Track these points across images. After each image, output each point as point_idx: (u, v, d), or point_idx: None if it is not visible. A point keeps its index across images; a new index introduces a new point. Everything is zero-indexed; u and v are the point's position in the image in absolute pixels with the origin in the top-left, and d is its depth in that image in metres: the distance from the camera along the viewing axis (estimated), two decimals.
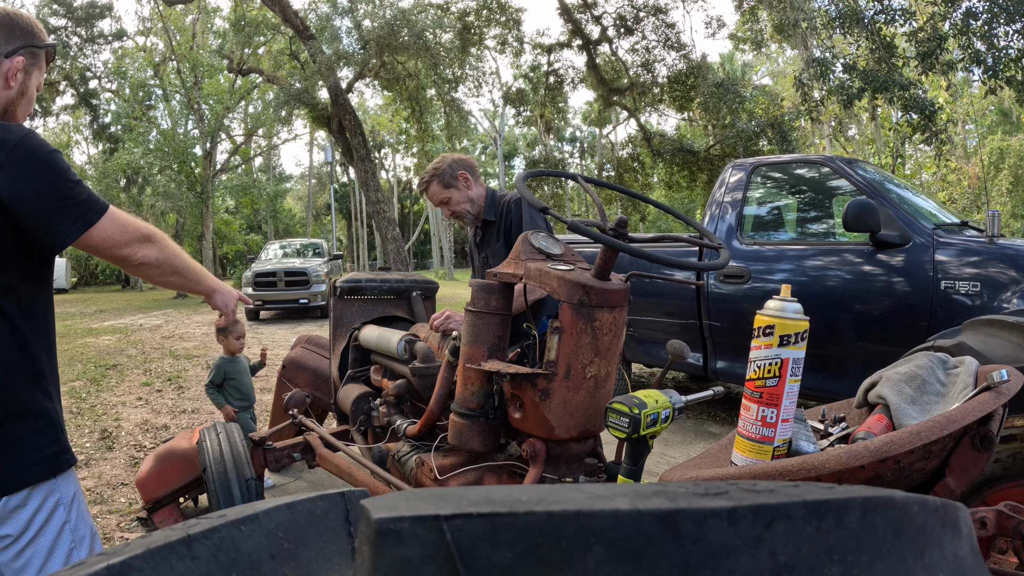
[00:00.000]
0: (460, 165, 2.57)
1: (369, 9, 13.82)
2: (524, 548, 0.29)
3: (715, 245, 1.71)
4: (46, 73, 1.46)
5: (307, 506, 0.49)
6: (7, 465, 1.22)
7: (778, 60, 31.90)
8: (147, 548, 0.40)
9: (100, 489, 3.43)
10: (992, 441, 1.12)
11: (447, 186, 2.55)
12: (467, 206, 2.56)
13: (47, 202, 1.21)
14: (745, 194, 4.20)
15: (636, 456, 1.44)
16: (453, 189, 2.54)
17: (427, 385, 2.16)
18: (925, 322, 3.14)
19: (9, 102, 1.33)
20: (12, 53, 1.31)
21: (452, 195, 2.54)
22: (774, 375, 1.23)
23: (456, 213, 2.57)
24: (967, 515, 0.41)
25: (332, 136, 15.17)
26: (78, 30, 18.12)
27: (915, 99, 9.74)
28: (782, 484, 0.37)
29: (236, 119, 26.34)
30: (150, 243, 1.36)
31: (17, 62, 1.31)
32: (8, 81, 1.31)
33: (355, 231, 40.26)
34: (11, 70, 1.30)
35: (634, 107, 15.60)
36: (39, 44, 1.36)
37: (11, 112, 1.35)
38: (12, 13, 1.32)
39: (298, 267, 12.40)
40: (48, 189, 1.21)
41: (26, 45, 1.32)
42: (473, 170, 2.60)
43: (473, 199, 2.58)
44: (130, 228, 1.32)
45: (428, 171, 2.60)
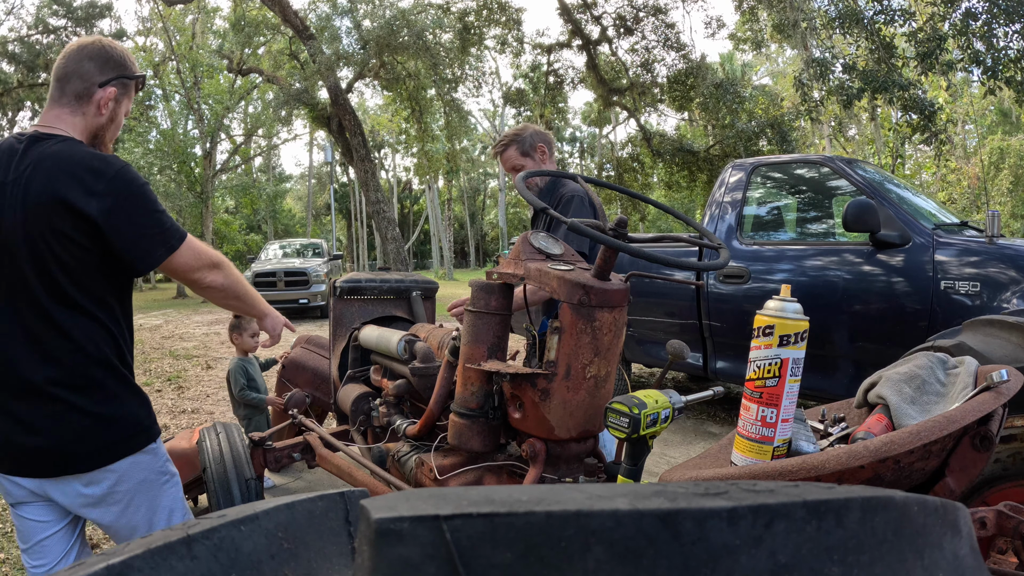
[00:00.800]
0: (540, 137, 2.54)
1: (369, 9, 13.83)
2: (524, 548, 0.29)
3: (715, 245, 1.71)
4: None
5: (307, 506, 0.49)
6: (118, 435, 1.44)
7: (778, 60, 31.90)
8: (147, 548, 0.40)
9: None
10: (992, 441, 1.12)
11: (524, 154, 2.51)
12: (537, 180, 2.53)
13: (138, 230, 1.38)
14: (745, 194, 4.20)
15: (636, 456, 1.44)
16: (529, 159, 2.51)
17: (427, 385, 2.16)
18: (925, 322, 3.14)
19: (99, 128, 1.47)
20: (105, 83, 1.44)
21: (527, 165, 2.51)
22: (774, 375, 1.23)
23: (525, 183, 2.54)
24: (967, 515, 0.41)
25: (332, 136, 15.17)
26: (78, 30, 18.12)
27: (915, 99, 9.75)
28: (782, 484, 0.37)
29: (236, 119, 26.34)
30: (218, 269, 1.53)
31: (110, 92, 1.45)
32: (100, 109, 1.45)
33: (355, 231, 40.26)
34: (104, 99, 1.44)
35: (634, 107, 15.61)
36: (130, 75, 1.50)
37: (100, 137, 1.49)
38: (107, 45, 1.47)
39: (298, 267, 12.41)
40: (140, 219, 1.38)
41: (118, 76, 1.46)
42: (551, 146, 2.57)
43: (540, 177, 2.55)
44: (203, 255, 1.50)
45: (508, 134, 2.56)
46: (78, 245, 1.35)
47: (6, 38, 17.83)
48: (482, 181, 50.49)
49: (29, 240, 1.34)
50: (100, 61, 1.44)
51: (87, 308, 1.40)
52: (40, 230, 1.33)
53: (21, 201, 1.34)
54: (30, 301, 1.36)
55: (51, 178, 1.33)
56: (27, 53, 17.48)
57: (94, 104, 1.44)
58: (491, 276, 1.76)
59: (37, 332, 1.37)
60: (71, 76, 1.43)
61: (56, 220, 1.32)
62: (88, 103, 1.44)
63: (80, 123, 1.44)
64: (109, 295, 1.44)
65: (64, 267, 1.35)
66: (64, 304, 1.37)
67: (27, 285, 1.36)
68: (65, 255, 1.35)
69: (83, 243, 1.35)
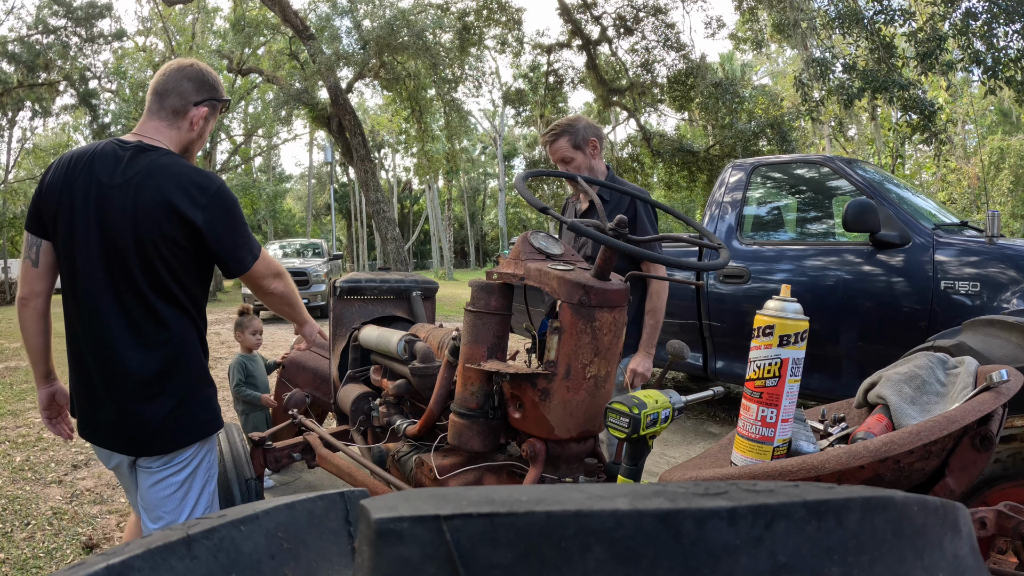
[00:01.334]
0: (592, 131, 2.52)
1: (369, 9, 13.82)
2: (524, 548, 0.29)
3: (715, 245, 1.71)
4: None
5: (307, 506, 0.49)
6: (198, 419, 1.63)
7: (778, 60, 31.89)
8: (147, 548, 0.40)
9: (100, 489, 3.43)
10: (992, 441, 1.12)
11: (576, 147, 2.48)
12: (586, 173, 2.50)
13: (234, 240, 1.60)
14: (745, 194, 4.20)
15: (636, 456, 1.44)
16: (580, 152, 2.49)
17: (427, 385, 2.16)
18: (925, 322, 3.14)
19: (190, 143, 1.67)
20: (200, 103, 1.64)
21: (577, 157, 2.49)
22: (774, 375, 1.23)
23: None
24: (967, 515, 0.41)
25: (332, 136, 15.17)
26: (78, 30, 18.10)
27: (915, 99, 9.75)
28: (782, 484, 0.37)
29: (236, 119, 26.33)
30: (280, 279, 1.75)
31: (203, 111, 1.65)
32: (192, 125, 1.65)
33: (355, 231, 40.25)
34: (196, 117, 1.64)
35: (634, 107, 15.60)
36: (219, 98, 1.70)
37: (189, 151, 1.69)
38: (204, 69, 1.66)
39: (298, 267, 12.41)
40: (235, 230, 1.60)
41: (210, 98, 1.66)
42: (602, 141, 2.56)
43: (594, 169, 2.53)
44: (272, 265, 1.72)
45: (562, 123, 2.53)
46: (181, 247, 1.55)
47: (6, 38, 17.81)
48: (482, 181, 50.48)
49: (138, 239, 1.51)
50: (198, 82, 1.63)
51: (182, 303, 1.60)
52: (149, 231, 1.51)
53: (132, 203, 1.50)
54: (134, 292, 1.54)
55: (161, 187, 1.51)
56: (27, 53, 17.45)
57: (188, 120, 1.63)
58: (491, 276, 1.76)
59: (138, 320, 1.55)
60: (170, 92, 1.61)
61: (165, 224, 1.51)
62: (183, 119, 1.63)
63: (175, 136, 1.63)
64: (199, 293, 1.66)
65: (167, 265, 1.55)
66: (164, 298, 1.56)
67: (132, 278, 1.53)
68: (168, 255, 1.54)
69: (185, 246, 1.55)
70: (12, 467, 3.76)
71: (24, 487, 3.44)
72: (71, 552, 2.71)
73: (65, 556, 2.68)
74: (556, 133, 2.51)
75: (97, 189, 1.52)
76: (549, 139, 2.54)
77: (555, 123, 2.56)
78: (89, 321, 1.55)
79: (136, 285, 1.53)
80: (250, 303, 5.07)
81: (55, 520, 3.02)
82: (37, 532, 2.89)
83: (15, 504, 3.20)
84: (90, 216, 1.52)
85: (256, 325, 3.54)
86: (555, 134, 2.51)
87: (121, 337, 1.53)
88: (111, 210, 1.51)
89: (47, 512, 3.11)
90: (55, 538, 2.83)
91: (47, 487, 3.45)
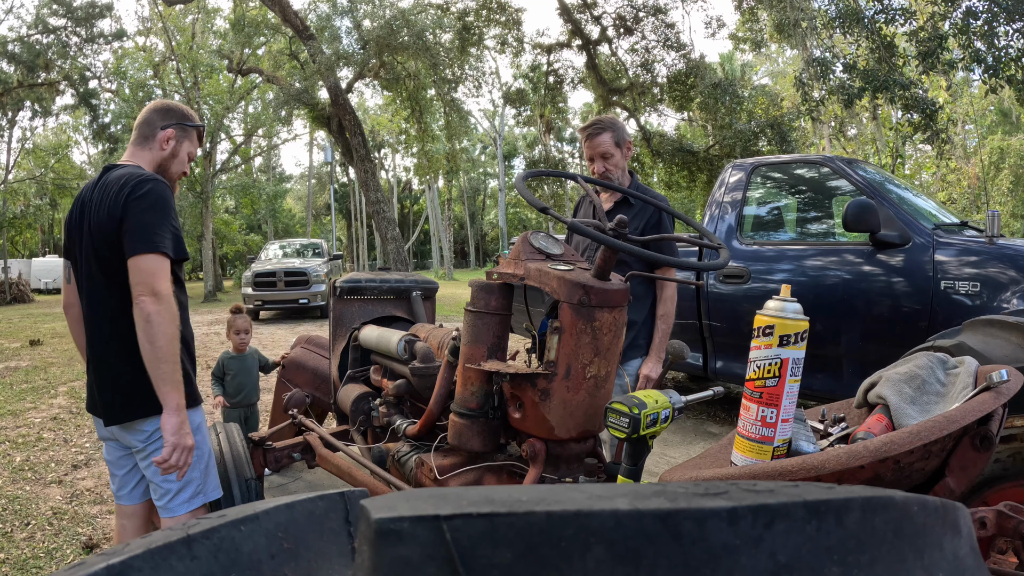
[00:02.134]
0: (627, 134, 2.58)
1: (369, 9, 13.82)
2: (524, 548, 0.29)
3: (715, 245, 1.71)
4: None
5: (307, 506, 0.49)
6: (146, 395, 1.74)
7: (778, 60, 31.90)
8: (147, 548, 0.40)
9: (100, 489, 3.43)
10: (992, 441, 1.12)
11: (616, 144, 2.52)
12: (617, 172, 2.55)
13: (142, 223, 1.70)
14: (745, 194, 4.20)
15: (636, 456, 1.44)
16: (619, 150, 2.53)
17: (427, 385, 2.16)
18: (925, 322, 3.14)
19: (163, 160, 1.91)
20: (166, 127, 1.91)
21: (616, 154, 2.52)
22: (774, 375, 1.23)
23: (605, 171, 2.54)
24: (967, 515, 0.41)
25: (332, 136, 15.17)
26: (78, 30, 18.08)
27: (915, 99, 9.74)
28: (782, 484, 0.37)
29: (236, 119, 26.31)
30: (156, 299, 1.76)
31: (168, 132, 1.91)
32: (162, 146, 1.90)
33: (355, 231, 40.26)
34: (163, 137, 1.90)
35: (634, 107, 15.59)
36: (187, 124, 1.96)
37: (165, 169, 1.92)
38: (172, 103, 1.96)
39: (298, 267, 12.40)
40: (147, 218, 1.72)
41: (176, 122, 1.93)
42: (631, 146, 2.62)
43: (624, 170, 2.58)
44: (157, 276, 1.78)
45: (605, 119, 2.56)
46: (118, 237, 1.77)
47: (6, 38, 17.80)
48: (482, 181, 50.48)
49: (94, 236, 1.79)
50: (163, 111, 1.92)
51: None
52: (100, 228, 1.76)
53: (96, 209, 1.78)
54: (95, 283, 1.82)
55: (110, 189, 1.75)
56: (27, 53, 17.43)
57: (157, 142, 1.90)
58: (491, 276, 1.76)
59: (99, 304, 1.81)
60: (143, 123, 1.91)
61: (107, 220, 1.74)
62: (153, 141, 1.90)
63: (147, 156, 1.89)
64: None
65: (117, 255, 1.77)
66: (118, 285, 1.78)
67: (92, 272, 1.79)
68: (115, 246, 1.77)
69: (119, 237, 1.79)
70: (12, 467, 3.76)
71: (24, 487, 3.44)
72: (71, 552, 2.71)
73: (65, 556, 2.68)
74: (602, 127, 2.53)
75: (82, 206, 1.83)
76: (593, 132, 2.54)
77: (598, 118, 2.60)
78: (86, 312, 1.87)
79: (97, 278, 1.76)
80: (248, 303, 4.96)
81: (55, 520, 3.02)
82: (37, 532, 2.89)
83: (15, 504, 3.20)
84: (83, 228, 1.80)
85: (239, 324, 3.48)
86: (601, 127, 2.53)
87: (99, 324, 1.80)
88: (88, 219, 1.77)
89: (47, 512, 3.11)
90: (55, 538, 2.84)
91: (47, 487, 3.45)
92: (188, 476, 1.82)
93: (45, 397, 5.62)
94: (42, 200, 25.40)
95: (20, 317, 13.73)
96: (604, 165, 2.53)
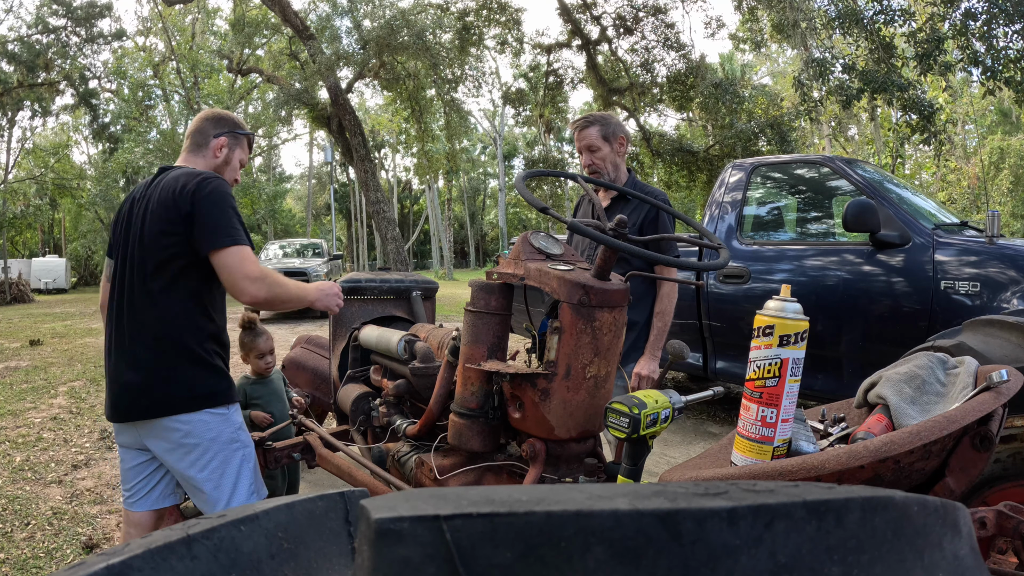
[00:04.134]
0: (622, 129, 2.58)
1: (369, 9, 13.82)
2: (524, 548, 0.29)
3: (715, 245, 1.71)
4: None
5: (307, 506, 0.49)
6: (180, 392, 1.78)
7: (778, 60, 31.89)
8: (147, 548, 0.40)
9: (100, 489, 3.43)
10: (992, 441, 1.12)
11: (604, 138, 2.52)
12: (609, 168, 2.54)
13: (216, 220, 1.76)
14: (745, 194, 4.20)
15: (636, 456, 1.44)
16: (607, 144, 2.53)
17: (427, 385, 2.16)
18: (925, 322, 3.14)
19: (217, 167, 1.98)
20: (219, 135, 1.98)
21: (604, 148, 2.52)
22: (774, 375, 1.23)
23: (595, 167, 2.54)
24: (967, 515, 0.41)
25: (332, 136, 15.17)
26: (78, 30, 18.08)
27: (914, 99, 9.74)
28: (782, 484, 0.37)
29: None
30: (263, 281, 1.85)
31: (221, 140, 1.98)
32: (215, 153, 1.98)
33: (355, 231, 40.25)
34: (216, 145, 1.97)
35: (633, 107, 15.59)
36: (238, 132, 2.03)
37: (219, 176, 1.91)
38: (224, 112, 2.05)
39: (298, 267, 12.41)
40: (220, 214, 1.79)
41: (228, 131, 2.00)
42: (628, 141, 2.61)
43: (617, 166, 2.57)
44: (252, 263, 1.88)
45: (596, 114, 2.58)
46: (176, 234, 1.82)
47: (6, 38, 17.79)
48: (482, 181, 50.48)
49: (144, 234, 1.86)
50: (214, 121, 1.99)
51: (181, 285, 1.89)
52: (151, 226, 1.82)
53: (145, 206, 1.87)
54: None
55: (166, 187, 1.83)
56: (27, 53, 17.43)
57: (211, 149, 1.97)
58: (491, 276, 1.76)
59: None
60: (195, 132, 1.99)
61: (163, 216, 1.80)
62: (206, 148, 1.97)
63: (201, 163, 1.96)
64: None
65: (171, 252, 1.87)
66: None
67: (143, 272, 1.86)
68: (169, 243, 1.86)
69: (181, 232, 1.83)
70: (12, 467, 3.76)
71: (24, 487, 3.44)
72: (71, 552, 2.71)
73: (65, 556, 2.68)
74: (589, 121, 2.54)
75: (132, 203, 1.90)
76: (580, 125, 2.57)
77: (589, 112, 2.61)
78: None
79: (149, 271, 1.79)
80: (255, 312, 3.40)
81: (55, 520, 3.02)
82: (37, 532, 2.89)
83: (15, 504, 3.19)
84: (131, 221, 1.86)
85: (262, 346, 2.83)
86: (588, 121, 2.55)
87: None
88: (141, 212, 1.83)
89: (47, 512, 3.11)
90: (55, 538, 2.83)
91: (47, 487, 3.45)
92: (240, 476, 1.83)
93: (45, 397, 5.62)
94: (42, 200, 25.38)
95: (20, 317, 13.74)
96: (591, 158, 2.54)
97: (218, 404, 1.81)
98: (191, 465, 1.78)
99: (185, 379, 1.76)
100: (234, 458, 1.83)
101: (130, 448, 1.88)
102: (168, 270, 1.75)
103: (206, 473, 1.79)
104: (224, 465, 1.81)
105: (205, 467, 1.79)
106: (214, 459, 1.79)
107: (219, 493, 1.80)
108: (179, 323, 1.77)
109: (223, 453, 1.81)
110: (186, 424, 1.76)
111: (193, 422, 1.76)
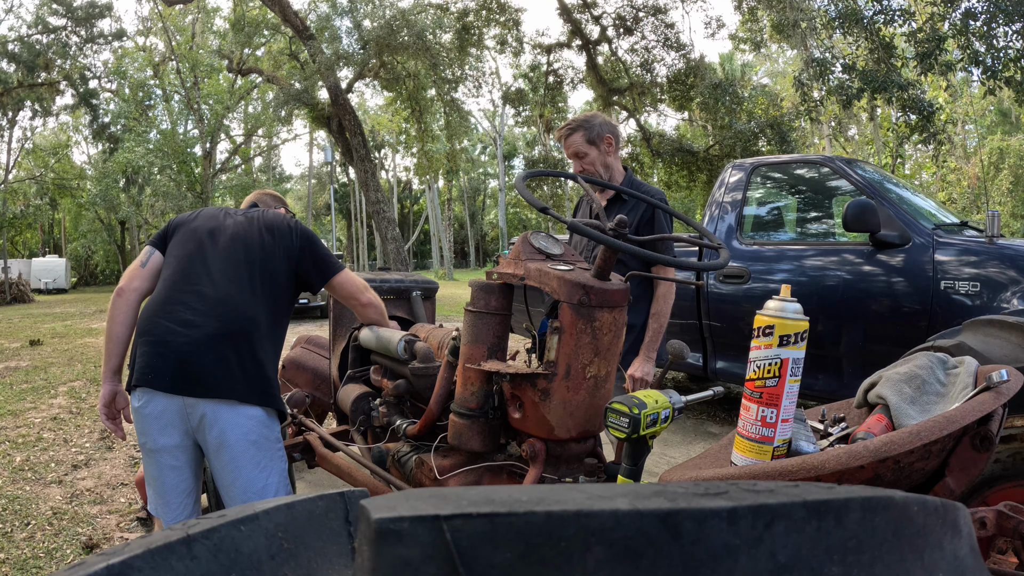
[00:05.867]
0: (608, 128, 2.52)
1: (369, 9, 13.82)
2: (524, 548, 0.29)
3: (715, 245, 1.71)
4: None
5: (307, 506, 0.49)
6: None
7: (778, 60, 31.90)
8: (147, 548, 0.40)
9: (100, 489, 3.43)
10: (992, 441, 1.12)
11: (590, 142, 2.48)
12: (600, 169, 2.50)
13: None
14: (745, 194, 4.20)
15: (636, 456, 1.44)
16: (594, 147, 2.49)
17: (427, 385, 2.16)
18: (925, 322, 3.14)
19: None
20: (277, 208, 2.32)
21: (591, 153, 2.48)
22: (774, 375, 1.23)
23: (583, 170, 2.50)
24: (967, 515, 0.41)
25: (332, 136, 15.17)
26: (78, 30, 18.08)
27: (914, 99, 9.74)
28: (782, 484, 0.37)
29: (236, 119, 26.32)
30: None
31: (280, 211, 2.24)
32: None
33: (355, 231, 40.26)
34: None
35: (633, 107, 15.60)
36: (287, 208, 2.45)
37: None
38: (272, 192, 2.49)
39: None
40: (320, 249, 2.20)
41: (282, 205, 2.46)
42: (618, 139, 2.55)
43: (609, 166, 2.52)
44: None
45: (578, 119, 2.53)
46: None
47: (6, 37, 17.80)
48: (482, 181, 50.49)
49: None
50: (275, 199, 2.46)
51: None
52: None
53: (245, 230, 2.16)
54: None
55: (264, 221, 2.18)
56: (27, 53, 17.43)
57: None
58: (491, 276, 1.76)
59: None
60: (258, 203, 2.36)
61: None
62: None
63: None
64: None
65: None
66: None
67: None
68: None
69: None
70: (12, 467, 3.76)
71: (24, 487, 3.44)
72: (71, 552, 2.71)
73: (65, 556, 2.68)
74: (572, 128, 2.51)
75: (224, 218, 2.09)
76: (565, 133, 2.54)
77: (572, 118, 2.57)
78: None
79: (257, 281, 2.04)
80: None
81: (55, 520, 3.02)
82: (37, 532, 2.89)
83: (15, 504, 3.19)
84: (219, 236, 2.00)
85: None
86: (571, 128, 2.51)
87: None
88: (239, 235, 2.03)
89: (47, 512, 3.11)
90: (55, 538, 2.83)
91: (47, 487, 3.45)
92: (279, 467, 1.90)
93: (45, 397, 5.62)
94: (42, 200, 25.39)
95: (20, 317, 13.74)
96: (580, 164, 2.51)
97: (278, 406, 1.92)
98: (250, 461, 1.79)
99: (271, 376, 1.87)
100: (281, 459, 1.92)
101: (173, 448, 1.80)
102: (280, 286, 1.98)
103: (259, 472, 1.82)
104: (278, 463, 1.89)
105: (266, 467, 1.83)
106: (274, 459, 1.87)
107: (266, 493, 1.84)
108: (279, 330, 1.98)
109: (280, 453, 1.90)
110: (256, 418, 1.81)
111: (261, 418, 1.83)
